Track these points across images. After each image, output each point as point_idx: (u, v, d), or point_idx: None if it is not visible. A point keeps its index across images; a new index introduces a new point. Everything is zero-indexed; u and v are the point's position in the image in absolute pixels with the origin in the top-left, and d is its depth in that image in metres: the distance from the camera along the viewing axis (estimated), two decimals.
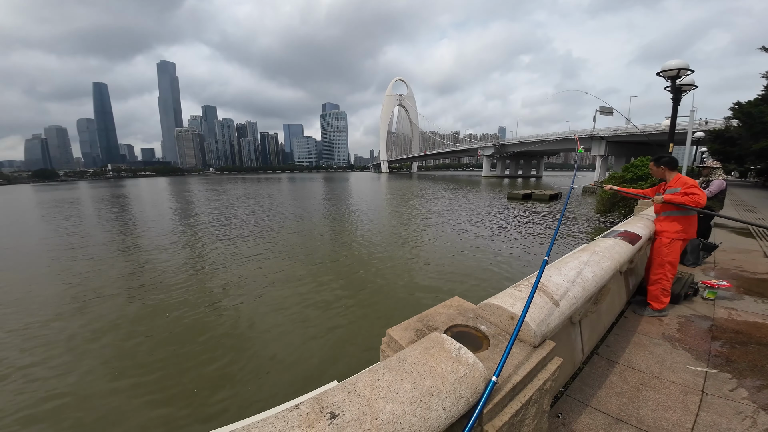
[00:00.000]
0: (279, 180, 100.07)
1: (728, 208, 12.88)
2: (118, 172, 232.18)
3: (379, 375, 0.93)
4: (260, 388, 4.68)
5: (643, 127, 45.92)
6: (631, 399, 2.18)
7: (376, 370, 0.96)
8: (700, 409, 2.05)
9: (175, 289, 8.58)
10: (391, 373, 0.93)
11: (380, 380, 0.90)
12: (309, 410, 0.81)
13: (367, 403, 0.82)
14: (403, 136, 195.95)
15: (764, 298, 3.88)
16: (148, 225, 19.52)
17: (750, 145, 20.59)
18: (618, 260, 2.40)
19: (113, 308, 7.57)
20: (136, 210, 28.16)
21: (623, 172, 17.81)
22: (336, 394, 0.85)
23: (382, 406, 0.82)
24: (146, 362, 5.39)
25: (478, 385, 0.97)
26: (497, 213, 21.79)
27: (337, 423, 0.77)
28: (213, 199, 36.22)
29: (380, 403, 0.83)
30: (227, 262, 10.99)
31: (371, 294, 7.99)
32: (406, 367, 0.96)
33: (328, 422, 0.77)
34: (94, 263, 11.41)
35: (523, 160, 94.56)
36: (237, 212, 24.46)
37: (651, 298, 3.50)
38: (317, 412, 0.80)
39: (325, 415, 0.79)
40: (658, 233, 3.55)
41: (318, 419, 0.78)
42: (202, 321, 6.75)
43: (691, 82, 5.71)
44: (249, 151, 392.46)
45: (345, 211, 24.59)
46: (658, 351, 2.81)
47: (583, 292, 1.76)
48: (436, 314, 1.52)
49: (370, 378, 0.91)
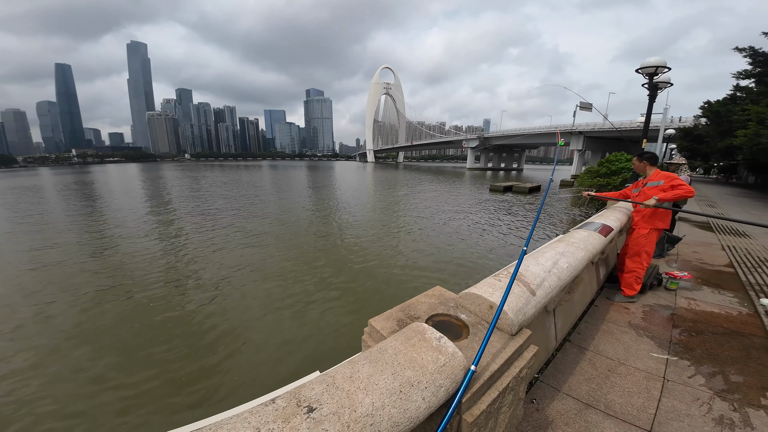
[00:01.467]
0: (260, 167, 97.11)
1: (691, 203, 13.71)
2: (83, 157, 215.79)
3: (359, 366, 0.91)
4: (239, 381, 4.60)
5: (620, 123, 47.72)
6: (599, 385, 2.30)
7: (356, 361, 0.95)
8: (662, 395, 2.18)
9: (149, 281, 8.24)
10: (371, 364, 0.92)
11: (360, 372, 0.89)
12: (285, 404, 0.78)
13: (346, 396, 0.81)
14: (389, 126, 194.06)
15: (721, 288, 4.18)
16: (119, 213, 18.56)
17: (716, 143, 21.85)
18: (591, 251, 2.49)
19: (79, 304, 7.19)
20: (106, 198, 26.64)
21: (598, 166, 18.53)
22: (314, 387, 0.83)
23: (362, 398, 0.81)
24: (120, 361, 5.18)
25: (458, 375, 0.97)
26: (480, 204, 22.21)
27: (314, 417, 0.75)
28: (191, 187, 34.78)
29: (359, 395, 0.81)
30: (206, 252, 10.66)
31: (355, 284, 7.99)
32: (387, 358, 0.95)
33: (306, 416, 0.75)
34: (60, 256, 10.76)
35: (505, 153, 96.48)
36: (216, 201, 23.65)
37: (625, 285, 3.70)
38: (294, 406, 0.78)
39: (302, 409, 0.77)
40: (636, 224, 3.71)
41: (295, 413, 0.76)
42: (177, 314, 6.55)
43: (667, 80, 5.94)
44: (227, 137, 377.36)
45: (330, 200, 24.30)
46: (624, 338, 2.97)
47: (558, 282, 1.82)
48: (418, 304, 1.53)
49: (350, 370, 0.90)
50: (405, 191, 30.74)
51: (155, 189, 32.40)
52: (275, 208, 20.10)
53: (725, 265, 5.27)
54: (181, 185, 36.36)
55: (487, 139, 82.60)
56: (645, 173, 3.78)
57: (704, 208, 12.17)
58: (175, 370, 4.77)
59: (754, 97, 18.37)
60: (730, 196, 17.59)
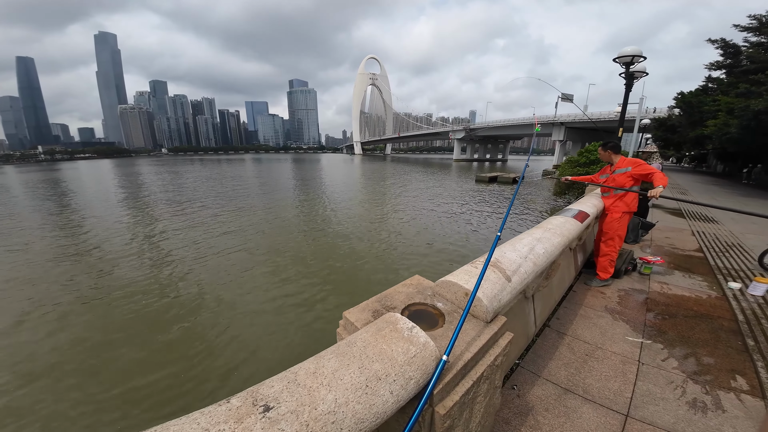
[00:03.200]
0: (243, 161, 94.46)
1: (665, 190, 14.30)
2: (51, 154, 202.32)
3: (325, 361, 0.86)
4: (217, 381, 4.46)
5: (599, 114, 48.95)
6: (577, 369, 2.34)
7: (322, 356, 0.89)
8: (637, 378, 2.24)
9: (125, 280, 7.91)
10: (338, 358, 0.87)
11: (325, 366, 0.84)
12: (240, 404, 0.72)
13: (307, 393, 0.75)
14: (376, 117, 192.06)
15: (691, 273, 4.35)
16: (94, 212, 17.70)
17: (688, 132, 22.76)
18: (568, 237, 2.52)
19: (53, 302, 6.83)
20: (78, 196, 25.35)
21: (578, 156, 19.03)
22: (273, 385, 0.77)
23: (324, 395, 0.75)
24: (90, 364, 4.96)
25: (429, 366, 0.94)
26: (466, 195, 22.45)
27: (270, 416, 0.69)
28: (172, 183, 33.52)
29: (322, 392, 0.76)
30: (186, 250, 10.31)
31: (339, 277, 7.92)
32: (355, 351, 0.90)
33: (261, 416, 0.69)
34: (30, 256, 10.18)
35: (490, 144, 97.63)
36: (198, 196, 22.90)
37: (600, 269, 3.81)
38: (249, 405, 0.72)
39: (257, 408, 0.71)
40: (609, 209, 3.83)
41: (249, 413, 0.70)
42: (155, 313, 6.31)
43: (642, 69, 6.07)
44: (207, 130, 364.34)
45: (318, 192, 23.96)
46: (601, 323, 3.05)
47: (534, 268, 1.82)
48: (395, 293, 1.48)
49: (314, 365, 0.84)
50: (393, 183, 30.69)
51: (132, 186, 31.05)
52: (262, 201, 19.65)
53: (695, 249, 5.50)
54: (161, 181, 34.99)
55: (473, 130, 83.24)
56: (611, 161, 3.91)
57: (675, 195, 12.70)
58: (134, 377, 4.55)
59: (724, 88, 19.16)
60: (700, 184, 18.43)
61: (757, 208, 10.23)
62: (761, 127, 13.88)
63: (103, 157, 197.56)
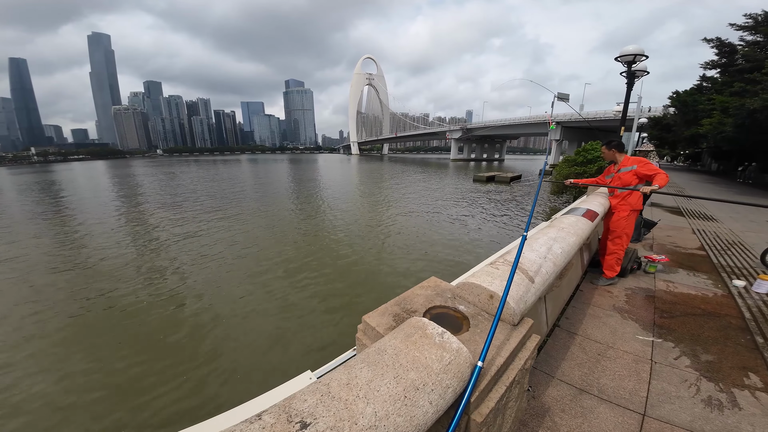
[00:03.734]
0: (239, 162, 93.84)
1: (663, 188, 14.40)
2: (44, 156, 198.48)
3: (357, 371, 0.81)
4: (223, 383, 4.40)
5: (594, 113, 49.26)
6: (591, 369, 2.31)
7: (352, 365, 0.84)
8: (651, 377, 2.21)
9: (126, 283, 7.78)
10: (370, 368, 0.82)
11: (358, 377, 0.79)
12: (273, 420, 0.67)
13: (344, 406, 0.71)
14: (373, 117, 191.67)
15: (695, 271, 4.35)
16: (91, 213, 17.47)
17: (683, 131, 22.95)
18: (581, 236, 2.49)
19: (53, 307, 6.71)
20: (74, 198, 25.04)
21: (575, 155, 19.10)
22: (306, 399, 0.72)
23: (362, 408, 0.71)
24: (91, 367, 4.87)
25: (464, 372, 0.89)
26: (465, 194, 22.49)
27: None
28: (167, 184, 33.21)
29: (359, 405, 0.71)
30: (187, 251, 10.20)
31: (343, 279, 7.86)
32: (387, 359, 0.86)
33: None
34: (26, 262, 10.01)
35: (487, 144, 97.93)
36: (195, 197, 22.70)
37: (606, 267, 3.79)
38: (284, 422, 0.67)
39: (293, 426, 0.66)
40: (615, 208, 3.81)
41: (285, 431, 0.65)
42: (159, 315, 6.22)
43: (644, 68, 6.08)
44: (202, 131, 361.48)
45: (317, 193, 23.86)
46: (610, 322, 3.03)
47: (554, 268, 1.78)
48: (413, 296, 1.44)
49: (347, 375, 0.79)
50: (393, 184, 30.62)
51: (127, 188, 30.72)
52: (260, 203, 19.51)
53: (697, 248, 5.51)
54: (157, 183, 34.66)
55: (470, 130, 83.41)
56: (615, 160, 3.88)
57: (669, 190, 12.78)
58: (150, 377, 4.52)
59: (718, 87, 19.32)
60: (696, 182, 18.60)
61: (755, 207, 10.33)
62: (756, 126, 14.01)
63: (97, 158, 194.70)
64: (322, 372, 1.99)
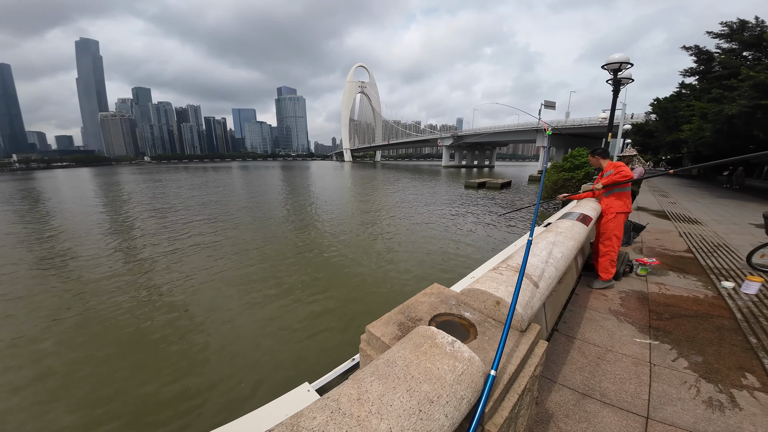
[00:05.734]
0: (230, 169, 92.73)
1: (645, 192, 14.80)
2: (26, 162, 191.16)
3: (367, 385, 0.77)
4: (219, 396, 4.24)
5: (580, 120, 50.60)
6: (591, 373, 2.30)
7: (362, 378, 0.80)
8: (651, 379, 2.22)
9: (116, 293, 7.51)
10: (381, 381, 0.78)
11: (369, 391, 0.75)
12: None
13: (357, 423, 0.66)
14: (365, 125, 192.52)
15: (685, 273, 4.44)
16: (75, 221, 16.93)
17: (664, 137, 23.73)
18: (579, 240, 2.51)
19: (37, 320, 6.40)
20: (56, 206, 24.27)
21: (563, 161, 19.52)
22: (315, 416, 0.68)
23: (376, 425, 0.66)
24: (75, 382, 4.63)
25: (478, 382, 0.86)
26: (458, 201, 22.68)
27: None
28: (155, 191, 32.52)
29: (373, 421, 0.67)
30: (178, 261, 9.94)
31: (339, 287, 7.74)
32: (398, 372, 0.82)
33: None
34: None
35: (477, 151, 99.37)
36: (186, 204, 22.26)
37: (601, 269, 3.83)
38: None
39: None
40: (604, 211, 3.88)
41: None
42: (150, 327, 5.99)
43: (629, 76, 6.27)
44: (192, 138, 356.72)
45: (310, 200, 23.68)
46: (607, 325, 3.04)
47: (556, 272, 1.78)
48: (417, 304, 1.40)
49: (356, 390, 0.75)
50: (387, 190, 30.65)
51: (112, 196, 29.98)
52: (253, 211, 19.24)
53: (685, 250, 5.63)
54: (146, 191, 33.92)
55: (461, 137, 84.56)
56: (601, 166, 4.00)
57: (658, 198, 13.14)
58: (142, 389, 4.33)
59: (697, 94, 20.09)
60: (678, 186, 19.17)
61: (737, 211, 10.67)
62: (734, 131, 14.59)
63: (81, 165, 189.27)
64: (320, 384, 1.93)
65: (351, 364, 2.06)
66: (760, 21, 15.80)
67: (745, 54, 16.85)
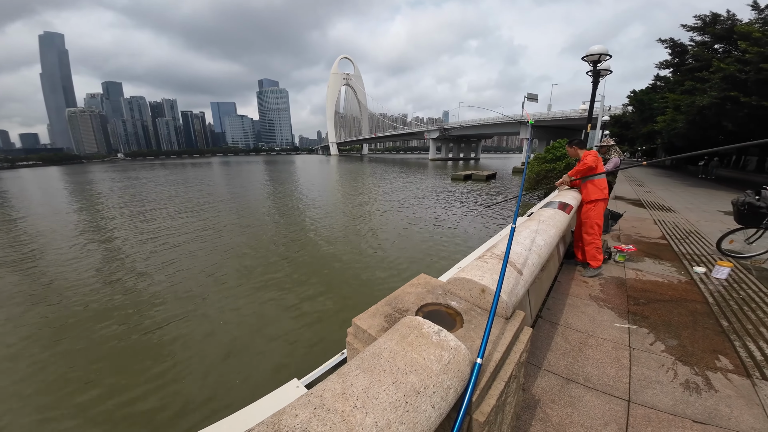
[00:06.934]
0: (210, 165, 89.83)
1: (621, 182, 15.34)
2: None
3: (352, 378, 0.75)
4: (204, 396, 4.14)
5: (561, 112, 51.73)
6: (575, 358, 2.36)
7: (346, 372, 0.77)
8: (632, 363, 2.29)
9: (93, 295, 7.18)
10: (366, 374, 0.76)
11: (354, 385, 0.72)
12: None
13: (341, 419, 0.64)
14: (351, 118, 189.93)
15: (660, 259, 4.61)
16: (46, 224, 16.05)
17: (640, 128, 24.58)
18: (561, 228, 2.55)
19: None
20: (24, 209, 22.93)
21: (545, 153, 19.95)
22: (298, 413, 0.65)
23: (361, 420, 0.64)
24: (63, 382, 4.43)
25: (464, 371, 0.85)
26: (444, 193, 22.87)
27: None
28: (129, 190, 31.20)
29: (358, 416, 0.65)
30: (159, 259, 9.59)
31: (327, 280, 7.65)
32: (383, 364, 0.80)
33: None
34: None
35: (463, 144, 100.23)
36: (165, 200, 21.46)
37: (590, 258, 3.93)
38: None
39: None
40: (584, 200, 3.98)
41: None
42: (127, 325, 5.78)
43: (608, 68, 6.41)
44: (168, 133, 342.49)
45: (296, 195, 23.28)
46: (588, 311, 3.13)
47: (539, 259, 1.80)
48: (404, 295, 1.38)
49: (341, 384, 0.73)
50: (374, 184, 30.50)
51: (87, 196, 28.57)
52: (237, 205, 18.76)
53: (659, 237, 5.86)
54: (119, 190, 32.48)
55: (447, 130, 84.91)
56: (578, 156, 4.09)
57: (634, 187, 13.65)
58: (123, 389, 4.19)
59: (671, 86, 20.83)
60: (653, 176, 19.95)
61: (707, 199, 11.16)
62: (705, 122, 15.25)
63: (50, 164, 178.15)
64: (309, 380, 1.90)
65: (340, 359, 2.04)
66: (731, 14, 16.44)
67: (717, 47, 17.53)
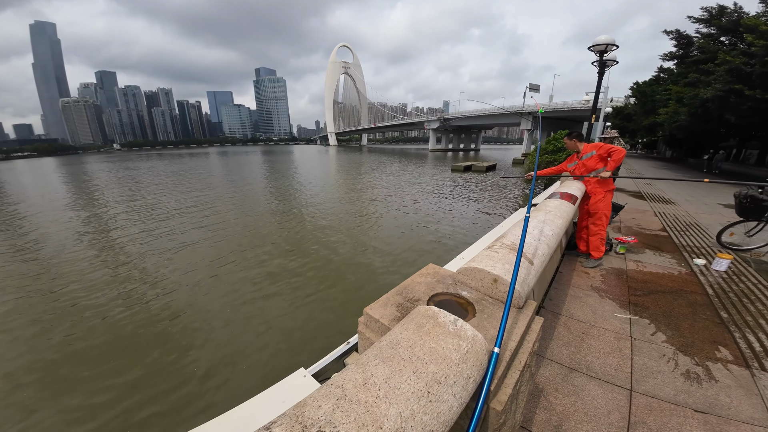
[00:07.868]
0: (207, 155, 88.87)
1: (622, 173, 15.34)
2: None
3: (372, 368, 0.74)
4: (212, 385, 4.18)
5: (563, 103, 51.24)
6: (577, 348, 2.39)
7: (365, 362, 0.76)
8: (633, 353, 2.32)
9: (96, 285, 7.17)
10: (386, 364, 0.75)
11: (374, 375, 0.71)
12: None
13: (365, 410, 0.63)
14: (350, 107, 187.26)
15: (661, 251, 4.64)
16: (44, 214, 15.95)
17: (642, 120, 24.42)
18: (567, 218, 2.54)
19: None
20: (22, 199, 22.73)
21: (546, 144, 19.86)
22: (321, 405, 0.64)
23: (385, 410, 0.63)
24: (65, 376, 4.46)
25: (482, 360, 0.85)
26: (445, 184, 22.85)
27: None
28: (128, 180, 30.94)
29: (381, 407, 0.64)
30: (162, 250, 9.57)
31: (330, 270, 7.66)
32: (402, 353, 0.79)
33: None
34: None
35: (464, 134, 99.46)
36: (168, 191, 21.32)
37: (593, 248, 3.96)
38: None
39: None
40: (591, 192, 3.96)
41: None
42: (136, 317, 5.79)
43: (614, 58, 6.31)
44: (164, 123, 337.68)
45: (297, 186, 23.15)
46: (590, 301, 3.16)
47: (548, 250, 1.79)
48: (414, 284, 1.38)
49: (361, 375, 0.72)
50: (374, 175, 30.33)
51: (84, 186, 28.32)
52: (237, 197, 18.66)
53: (659, 229, 5.88)
54: (119, 180, 32.21)
55: (447, 120, 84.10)
56: (577, 149, 4.06)
57: (635, 179, 13.64)
58: (133, 381, 4.23)
59: (674, 78, 20.61)
60: (653, 168, 19.96)
61: (706, 192, 11.17)
62: (707, 115, 15.16)
63: (44, 155, 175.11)
64: (315, 369, 1.91)
65: (346, 348, 2.05)
66: (738, 7, 16.16)
67: (723, 39, 17.28)
